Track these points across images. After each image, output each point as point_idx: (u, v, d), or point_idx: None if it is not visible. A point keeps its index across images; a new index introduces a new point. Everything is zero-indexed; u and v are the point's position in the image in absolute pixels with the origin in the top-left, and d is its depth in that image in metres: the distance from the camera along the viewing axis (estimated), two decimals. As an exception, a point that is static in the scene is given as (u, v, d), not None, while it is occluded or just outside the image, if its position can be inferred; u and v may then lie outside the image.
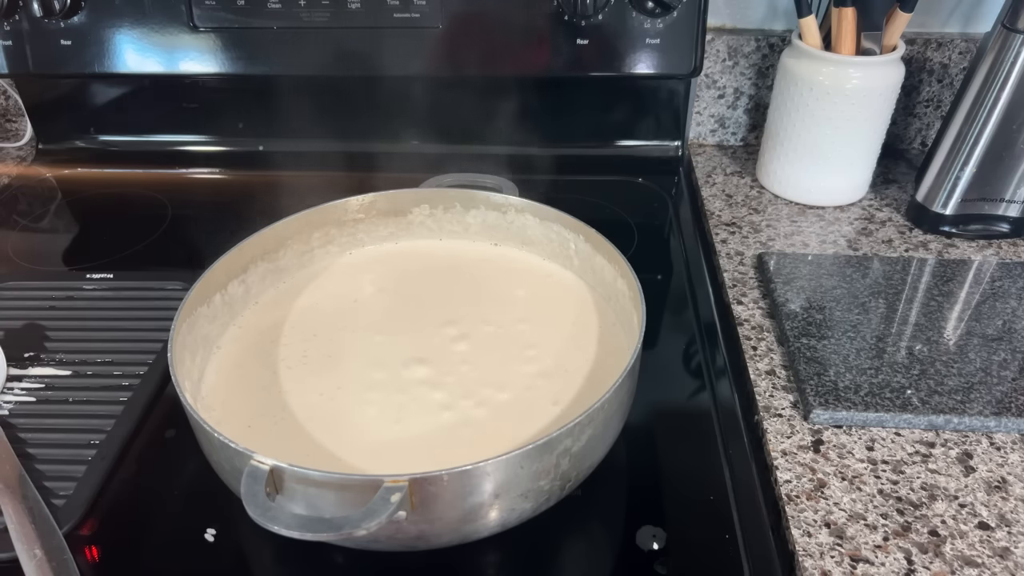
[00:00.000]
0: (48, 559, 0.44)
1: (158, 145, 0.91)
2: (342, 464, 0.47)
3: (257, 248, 0.60)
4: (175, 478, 0.51)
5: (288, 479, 0.40)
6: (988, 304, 0.64)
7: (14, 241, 0.77)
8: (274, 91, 0.86)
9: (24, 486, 0.48)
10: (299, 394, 0.53)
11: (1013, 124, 0.67)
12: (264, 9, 0.77)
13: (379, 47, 0.78)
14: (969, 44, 0.83)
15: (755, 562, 0.46)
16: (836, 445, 0.53)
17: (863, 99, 0.73)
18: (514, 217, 0.65)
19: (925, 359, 0.58)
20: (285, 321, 0.60)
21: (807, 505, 0.49)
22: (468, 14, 0.77)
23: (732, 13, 0.86)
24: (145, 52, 0.80)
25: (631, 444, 0.53)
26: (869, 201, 0.80)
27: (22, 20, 0.79)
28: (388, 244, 0.68)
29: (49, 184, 0.88)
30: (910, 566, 0.45)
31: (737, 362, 0.62)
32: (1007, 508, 0.48)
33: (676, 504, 0.50)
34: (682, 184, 0.87)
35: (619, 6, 0.75)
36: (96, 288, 0.67)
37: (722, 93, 0.89)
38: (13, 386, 0.57)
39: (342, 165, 0.83)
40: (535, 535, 0.47)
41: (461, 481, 0.40)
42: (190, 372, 0.52)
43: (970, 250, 0.72)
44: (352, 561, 0.47)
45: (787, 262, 0.69)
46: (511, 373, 0.54)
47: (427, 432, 0.50)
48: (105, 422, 0.54)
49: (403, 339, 0.58)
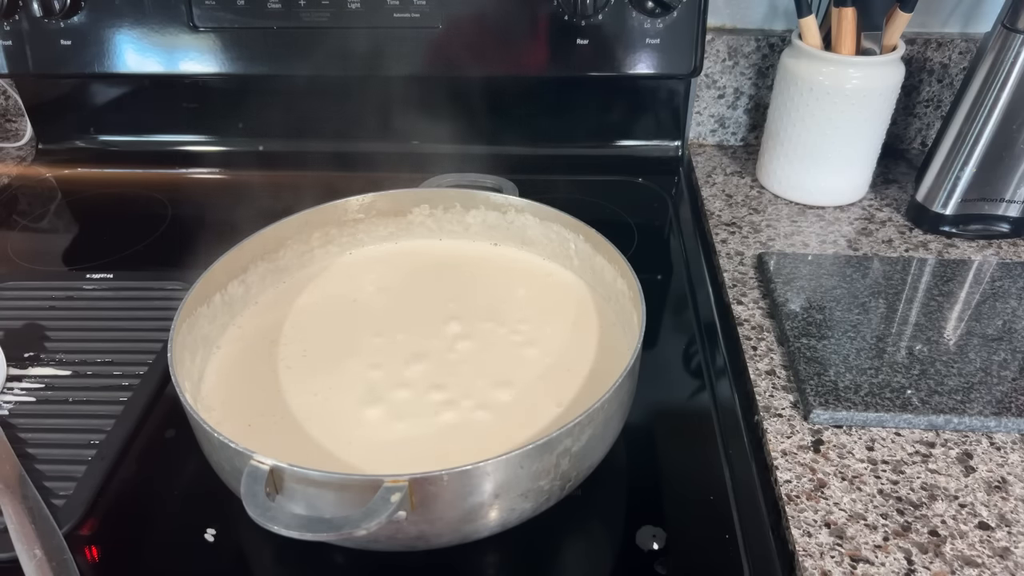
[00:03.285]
0: (48, 559, 0.44)
1: (158, 145, 0.91)
2: (342, 464, 0.47)
3: (257, 248, 0.60)
4: (175, 478, 0.51)
5: (288, 479, 0.40)
6: (988, 304, 0.64)
7: (14, 241, 0.77)
8: (274, 91, 0.86)
9: (24, 486, 0.48)
10: (299, 394, 0.53)
11: (1013, 124, 0.67)
12: (264, 9, 0.77)
13: (379, 47, 0.78)
14: (969, 44, 0.83)
15: (755, 562, 0.46)
16: (836, 445, 0.53)
17: (863, 99, 0.73)
18: (514, 217, 0.65)
19: (925, 359, 0.58)
20: (285, 321, 0.60)
21: (807, 505, 0.49)
22: (468, 14, 0.77)
23: (732, 13, 0.86)
24: (145, 52, 0.80)
25: (631, 444, 0.53)
26: (869, 201, 0.80)
27: (22, 20, 0.79)
28: (388, 244, 0.68)
29: (49, 184, 0.88)
30: (910, 566, 0.45)
31: (737, 362, 0.62)
32: (1007, 508, 0.48)
33: (676, 504, 0.50)
34: (682, 184, 0.87)
35: (619, 6, 0.75)
36: (96, 288, 0.67)
37: (722, 93, 0.89)
38: (13, 386, 0.57)
39: (342, 165, 0.84)
40: (535, 535, 0.47)
41: (461, 481, 0.40)
42: (190, 372, 0.52)
43: (970, 250, 0.72)
44: (352, 561, 0.47)
45: (787, 262, 0.69)
46: (511, 373, 0.54)
47: (427, 432, 0.50)
48: (105, 422, 0.54)
49: (403, 339, 0.58)
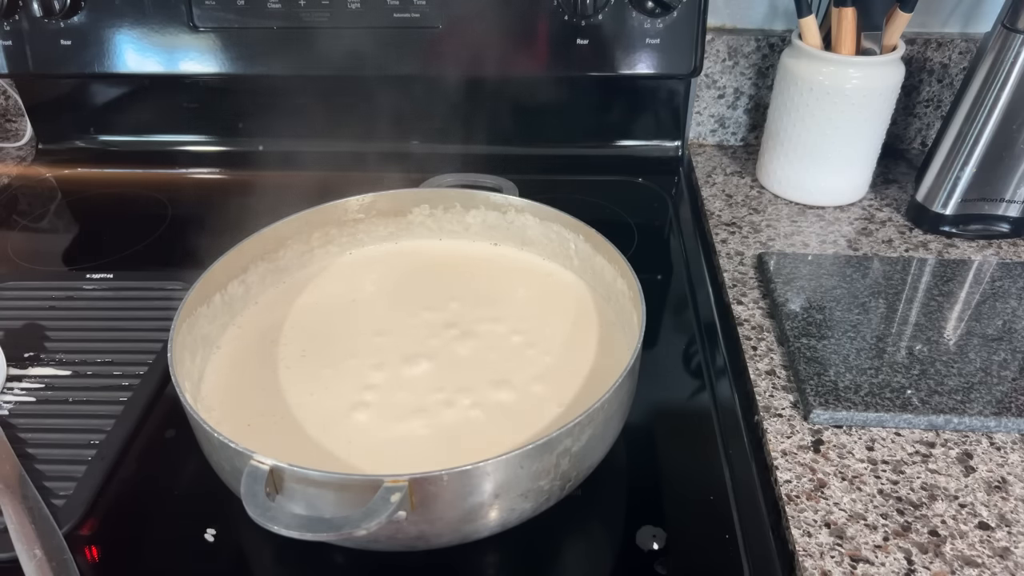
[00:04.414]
0: (48, 559, 0.44)
1: (158, 145, 0.91)
2: (342, 464, 0.47)
3: (257, 248, 0.60)
4: (175, 478, 0.51)
5: (288, 479, 0.40)
6: (988, 304, 0.64)
7: (14, 241, 0.77)
8: (274, 91, 0.86)
9: (24, 486, 0.48)
10: (299, 394, 0.53)
11: (1013, 124, 0.67)
12: (264, 9, 0.77)
13: (379, 47, 0.78)
14: (969, 44, 0.83)
15: (755, 562, 0.46)
16: (836, 445, 0.53)
17: (863, 99, 0.73)
18: (514, 217, 0.65)
19: (925, 359, 0.58)
20: (285, 321, 0.60)
21: (807, 505, 0.49)
22: (468, 14, 0.77)
23: (732, 13, 0.86)
24: (145, 52, 0.80)
25: (631, 444, 0.53)
26: (869, 201, 0.80)
27: (22, 20, 0.79)
28: (388, 244, 0.68)
29: (49, 184, 0.88)
30: (910, 566, 0.45)
31: (737, 362, 0.62)
32: (1007, 508, 0.48)
33: (676, 504, 0.50)
34: (682, 184, 0.87)
35: (619, 6, 0.75)
36: (96, 288, 0.67)
37: (722, 93, 0.89)
38: (13, 386, 0.57)
39: (342, 165, 0.83)
40: (535, 535, 0.47)
41: (461, 481, 0.40)
42: (190, 372, 0.52)
43: (970, 250, 0.72)
44: (352, 561, 0.47)
45: (787, 262, 0.69)
46: (511, 373, 0.54)
47: (427, 432, 0.50)
48: (105, 422, 0.54)
49: (403, 339, 0.58)
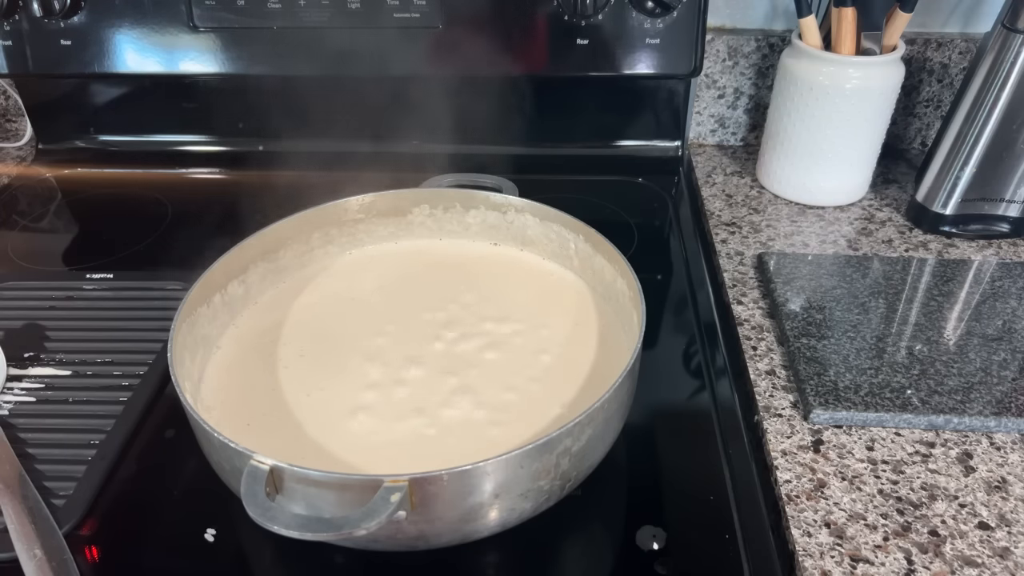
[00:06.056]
0: (48, 559, 0.44)
1: (158, 145, 0.91)
2: (342, 464, 0.47)
3: (257, 248, 0.60)
4: (175, 478, 0.51)
5: (288, 479, 0.40)
6: (988, 304, 0.64)
7: (14, 241, 0.77)
8: (274, 91, 0.86)
9: (24, 486, 0.48)
10: (299, 394, 0.53)
11: (1013, 124, 0.67)
12: (264, 9, 0.77)
13: (379, 47, 0.78)
14: (969, 44, 0.83)
15: (755, 562, 0.46)
16: (836, 445, 0.53)
17: (863, 99, 0.73)
18: (514, 217, 0.65)
19: (925, 359, 0.58)
20: (285, 321, 0.60)
21: (807, 505, 0.49)
22: (468, 14, 0.77)
23: (732, 13, 0.86)
24: (145, 52, 0.80)
25: (631, 444, 0.53)
26: (869, 201, 0.80)
27: (22, 20, 0.79)
28: (388, 244, 0.68)
29: (49, 184, 0.88)
30: (910, 566, 0.45)
31: (737, 362, 0.62)
32: (1007, 508, 0.48)
33: (676, 504, 0.50)
34: (682, 184, 0.87)
35: (619, 6, 0.75)
36: (96, 288, 0.67)
37: (722, 93, 0.89)
38: (13, 386, 0.57)
39: (342, 165, 0.83)
40: (535, 535, 0.47)
41: (461, 481, 0.40)
42: (190, 372, 0.52)
43: (970, 250, 0.72)
44: (352, 561, 0.47)
45: (787, 262, 0.69)
46: (511, 373, 0.54)
47: (427, 432, 0.50)
48: (105, 422, 0.54)
49: (403, 339, 0.57)
